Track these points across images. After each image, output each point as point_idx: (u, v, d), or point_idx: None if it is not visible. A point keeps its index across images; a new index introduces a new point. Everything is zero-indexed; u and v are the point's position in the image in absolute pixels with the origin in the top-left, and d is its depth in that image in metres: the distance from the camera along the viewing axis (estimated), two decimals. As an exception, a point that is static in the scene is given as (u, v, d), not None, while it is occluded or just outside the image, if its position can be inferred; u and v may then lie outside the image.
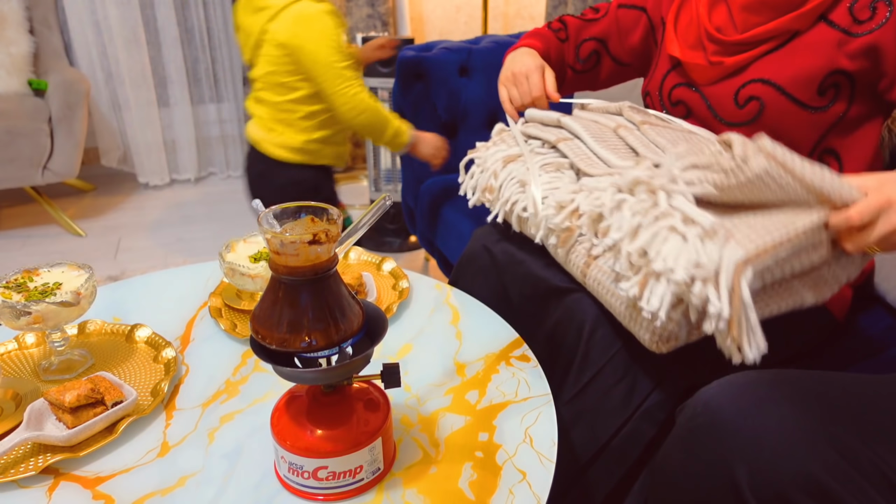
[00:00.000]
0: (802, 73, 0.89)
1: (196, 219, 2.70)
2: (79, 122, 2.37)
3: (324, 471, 0.63)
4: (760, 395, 0.64)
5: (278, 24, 1.43)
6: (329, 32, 1.43)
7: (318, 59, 1.43)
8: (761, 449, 0.60)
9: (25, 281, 0.81)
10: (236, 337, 0.90)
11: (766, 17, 0.92)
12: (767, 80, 0.91)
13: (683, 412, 0.70)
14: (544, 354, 0.92)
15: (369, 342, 0.63)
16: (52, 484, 0.66)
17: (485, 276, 1.04)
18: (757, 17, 0.93)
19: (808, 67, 0.89)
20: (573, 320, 0.90)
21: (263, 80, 1.52)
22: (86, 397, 0.70)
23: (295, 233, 0.57)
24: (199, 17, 2.88)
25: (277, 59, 1.47)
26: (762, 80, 0.92)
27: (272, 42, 1.45)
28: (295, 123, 1.54)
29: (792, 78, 0.90)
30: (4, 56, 2.44)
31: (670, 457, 0.71)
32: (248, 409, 0.77)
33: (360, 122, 1.50)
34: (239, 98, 3.06)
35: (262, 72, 1.51)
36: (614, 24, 1.16)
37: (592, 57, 1.20)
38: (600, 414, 0.87)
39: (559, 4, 2.83)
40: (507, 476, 0.67)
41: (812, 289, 0.74)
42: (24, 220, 2.63)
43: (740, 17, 0.95)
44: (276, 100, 1.52)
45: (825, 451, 0.59)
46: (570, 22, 1.21)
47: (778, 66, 0.91)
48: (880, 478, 0.59)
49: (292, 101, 1.52)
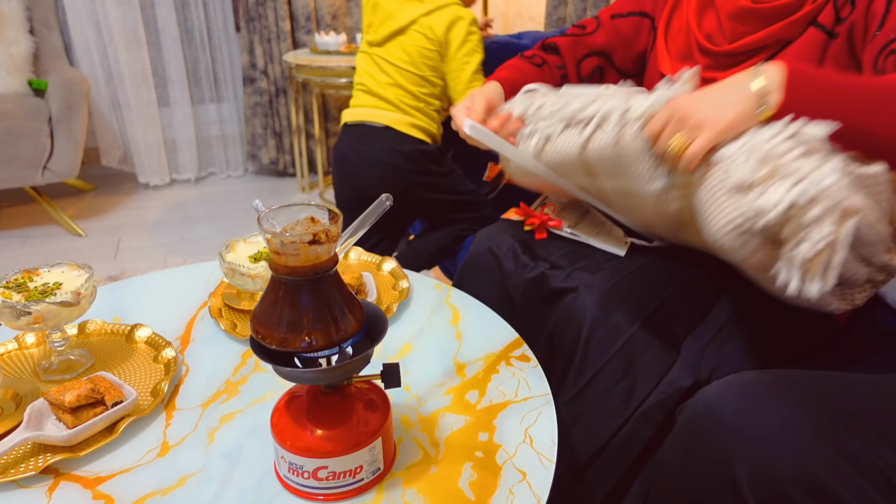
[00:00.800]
0: None
1: (196, 219, 2.70)
2: (79, 122, 2.37)
3: (324, 471, 0.63)
4: (760, 396, 0.64)
5: (435, 19, 1.53)
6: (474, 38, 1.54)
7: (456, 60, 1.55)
8: (761, 449, 0.60)
9: (25, 281, 0.81)
10: (236, 337, 0.90)
11: (754, 26, 0.91)
12: None
13: (683, 412, 0.70)
14: (544, 355, 0.92)
15: (369, 342, 0.63)
16: (52, 484, 0.66)
17: (489, 277, 1.04)
18: (744, 27, 0.92)
19: None
20: (572, 321, 0.90)
21: (399, 68, 1.58)
22: (86, 397, 0.70)
23: (295, 233, 0.57)
24: (199, 17, 2.88)
25: (424, 52, 1.55)
26: None
27: (424, 34, 1.54)
28: (431, 115, 1.63)
29: None
30: (4, 56, 2.44)
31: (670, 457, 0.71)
32: (248, 409, 0.77)
33: None
34: (239, 98, 3.06)
35: (397, 59, 1.57)
36: (615, 35, 1.12)
37: (596, 73, 1.15)
38: (600, 414, 0.87)
39: (559, 4, 2.83)
40: (507, 476, 0.67)
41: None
42: (24, 220, 2.63)
43: (728, 25, 0.94)
44: (415, 90, 1.59)
45: (825, 452, 0.59)
46: (561, 42, 1.15)
47: None
48: (880, 478, 0.59)
49: (429, 95, 1.60)
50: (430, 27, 1.53)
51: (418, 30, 1.54)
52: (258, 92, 2.96)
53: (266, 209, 0.60)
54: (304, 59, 2.59)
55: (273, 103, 3.00)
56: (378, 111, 1.61)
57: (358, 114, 1.64)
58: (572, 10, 2.78)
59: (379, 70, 1.61)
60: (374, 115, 1.61)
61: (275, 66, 2.92)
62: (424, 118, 1.61)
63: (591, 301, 0.90)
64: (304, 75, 2.62)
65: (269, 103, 2.99)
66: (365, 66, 1.65)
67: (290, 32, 2.88)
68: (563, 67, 1.15)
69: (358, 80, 1.68)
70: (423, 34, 1.54)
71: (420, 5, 1.54)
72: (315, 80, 2.61)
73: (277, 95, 2.98)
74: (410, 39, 1.55)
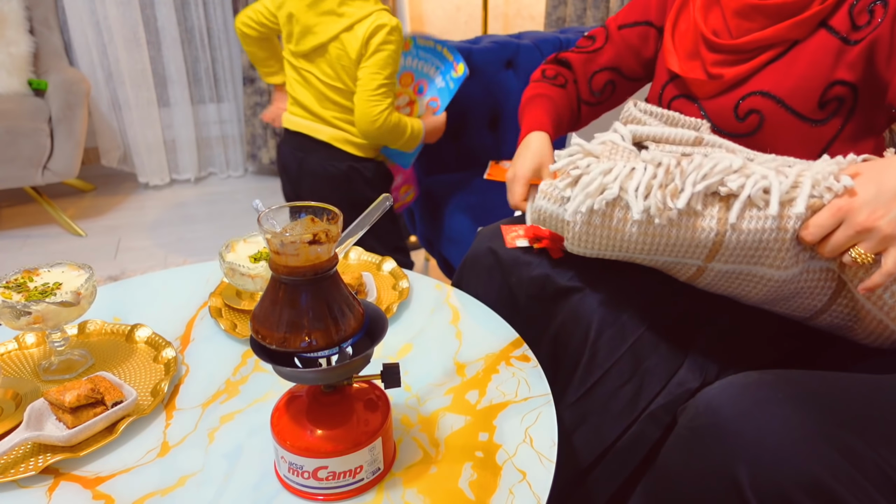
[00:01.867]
0: (803, 83, 0.88)
1: (196, 219, 2.70)
2: (79, 122, 2.37)
3: (324, 471, 0.63)
4: (762, 396, 0.64)
5: (353, 35, 1.46)
6: (389, 48, 1.47)
7: (364, 69, 1.47)
8: (763, 450, 0.60)
9: (25, 281, 0.81)
10: (236, 337, 0.90)
11: (760, 23, 0.91)
12: (767, 92, 0.90)
13: (685, 413, 0.70)
14: (550, 355, 0.92)
15: (369, 342, 0.63)
16: (52, 484, 0.66)
17: (489, 276, 1.03)
18: (749, 23, 0.91)
19: (809, 78, 0.87)
20: (580, 321, 0.90)
21: (326, 84, 1.53)
22: (86, 397, 0.70)
23: (295, 233, 0.57)
24: (199, 17, 2.88)
25: (348, 68, 1.49)
26: (762, 92, 0.91)
27: (345, 52, 1.47)
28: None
29: (792, 90, 0.89)
30: (4, 56, 2.44)
31: (672, 458, 0.70)
32: (248, 409, 0.77)
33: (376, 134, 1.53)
34: (239, 98, 3.06)
35: (323, 75, 1.52)
36: (623, 47, 1.12)
37: (608, 87, 1.15)
38: (606, 415, 0.87)
39: (559, 4, 2.83)
40: (507, 476, 0.67)
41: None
42: (24, 220, 2.63)
43: (733, 22, 0.94)
44: (347, 104, 1.54)
45: (827, 452, 0.59)
46: (572, 59, 1.15)
47: (778, 78, 0.90)
48: (882, 478, 0.59)
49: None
50: (350, 41, 1.45)
51: (339, 47, 1.47)
52: (258, 92, 2.96)
53: (266, 209, 0.60)
54: (303, 59, 2.59)
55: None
56: (315, 125, 1.58)
57: (297, 124, 1.61)
58: (572, 10, 2.78)
59: (306, 84, 1.56)
60: (312, 129, 1.59)
61: (275, 66, 2.92)
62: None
63: (599, 301, 0.90)
64: (303, 75, 2.62)
65: (269, 103, 2.99)
66: (292, 78, 1.59)
67: (290, 32, 2.88)
68: (576, 83, 1.16)
69: (290, 90, 1.62)
70: (343, 50, 1.47)
71: (339, 19, 1.46)
72: (315, 80, 2.61)
73: (277, 95, 2.98)
74: (334, 53, 1.48)
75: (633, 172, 0.76)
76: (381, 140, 1.56)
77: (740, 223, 0.73)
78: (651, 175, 0.75)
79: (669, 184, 0.74)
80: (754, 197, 0.72)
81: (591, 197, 0.76)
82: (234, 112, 3.09)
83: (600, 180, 0.76)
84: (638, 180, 0.75)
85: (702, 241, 0.75)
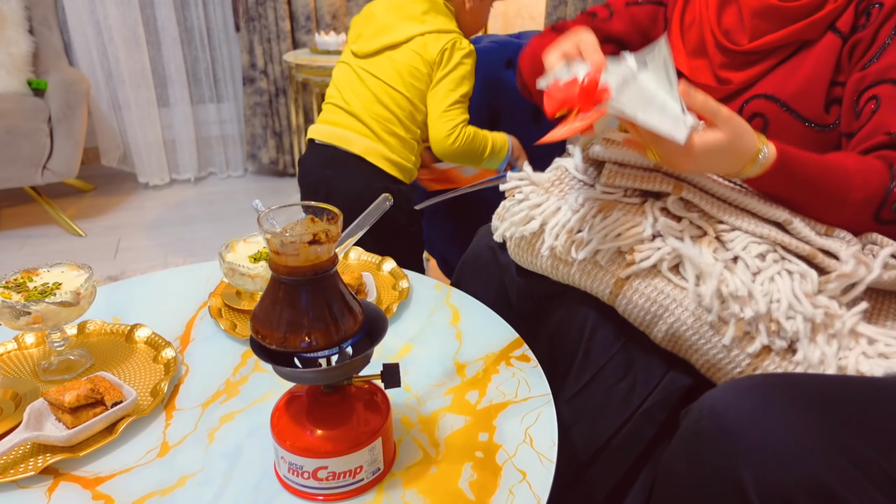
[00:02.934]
0: (806, 87, 0.87)
1: (196, 219, 2.70)
2: (79, 122, 2.37)
3: (324, 471, 0.63)
4: (766, 399, 0.63)
5: (432, 39, 1.43)
6: (466, 68, 1.44)
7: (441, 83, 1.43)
8: (767, 453, 0.60)
9: (25, 281, 0.81)
10: (236, 337, 0.90)
11: (777, 24, 0.90)
12: (771, 95, 0.90)
13: (688, 415, 0.69)
14: (545, 353, 0.92)
15: (369, 342, 0.63)
16: (52, 484, 0.66)
17: (488, 275, 1.03)
18: (767, 24, 0.90)
19: (812, 80, 0.87)
20: (574, 319, 0.90)
21: (384, 83, 1.45)
22: (85, 397, 0.70)
23: (295, 233, 0.57)
24: (199, 17, 2.88)
25: (413, 71, 1.44)
26: (766, 95, 0.90)
27: (419, 53, 1.43)
28: (409, 146, 1.49)
29: (795, 93, 0.88)
30: (4, 56, 2.44)
31: (675, 460, 0.70)
32: (248, 409, 0.77)
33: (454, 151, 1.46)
34: (239, 98, 3.06)
35: (384, 73, 1.45)
36: (631, 23, 1.08)
37: None
38: (601, 413, 0.87)
39: (559, 4, 2.83)
40: (507, 476, 0.67)
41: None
42: (24, 220, 2.63)
43: (751, 23, 0.92)
44: (397, 111, 1.45)
45: (832, 456, 0.59)
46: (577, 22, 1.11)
47: (782, 80, 0.90)
48: (887, 482, 0.59)
49: (410, 121, 1.47)
50: (426, 45, 1.42)
51: (412, 48, 1.43)
52: (258, 92, 2.96)
53: (266, 209, 0.60)
54: (303, 58, 2.60)
55: (273, 103, 3.00)
56: (350, 134, 1.45)
57: (328, 133, 1.48)
58: (572, 10, 2.78)
59: (360, 83, 1.47)
60: (346, 139, 1.45)
61: (274, 66, 2.92)
62: (401, 150, 1.47)
63: (593, 299, 0.90)
64: (303, 75, 2.62)
65: (268, 103, 2.99)
66: (344, 78, 1.51)
67: (289, 32, 2.88)
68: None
69: (332, 93, 1.52)
70: (417, 52, 1.42)
71: (419, 25, 1.44)
72: (315, 79, 2.61)
73: (277, 95, 2.98)
74: (402, 56, 1.43)
75: (558, 212, 0.85)
76: (459, 158, 1.47)
77: (634, 294, 0.80)
78: (566, 219, 0.83)
79: (579, 233, 0.82)
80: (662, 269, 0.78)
81: (515, 226, 0.87)
82: (233, 112, 3.09)
83: (527, 213, 0.86)
84: (556, 220, 0.84)
85: (600, 290, 0.84)
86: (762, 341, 0.73)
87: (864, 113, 0.82)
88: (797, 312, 0.72)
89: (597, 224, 0.81)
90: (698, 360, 0.79)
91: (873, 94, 0.82)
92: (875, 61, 0.82)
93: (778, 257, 0.77)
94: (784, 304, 0.73)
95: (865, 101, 0.83)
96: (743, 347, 0.75)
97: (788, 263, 0.76)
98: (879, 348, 0.72)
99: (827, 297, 0.74)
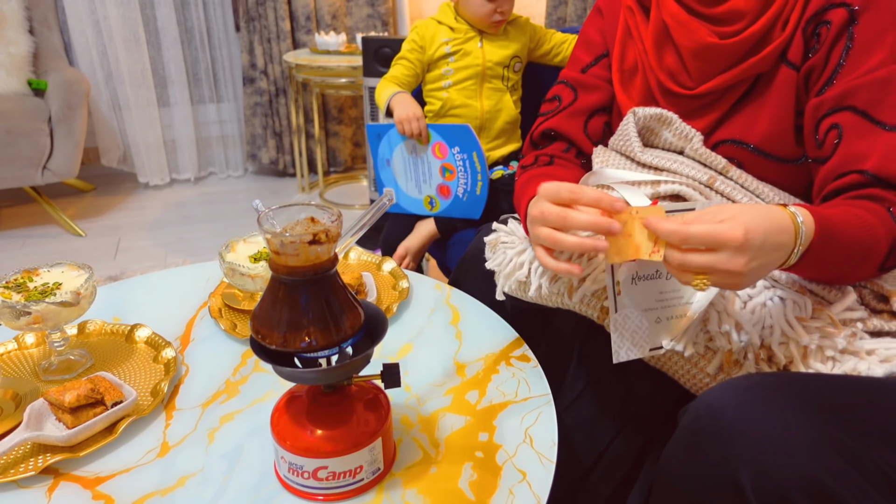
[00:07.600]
0: (773, 128, 0.83)
1: (196, 218, 2.70)
2: (79, 122, 2.37)
3: (324, 471, 0.63)
4: (764, 398, 0.63)
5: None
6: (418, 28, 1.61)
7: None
8: (765, 452, 0.60)
9: (25, 281, 0.81)
10: (236, 337, 0.90)
11: (721, 65, 0.83)
12: (739, 140, 0.85)
13: (686, 415, 0.69)
14: (542, 359, 0.92)
15: (369, 342, 0.63)
16: (52, 484, 0.66)
17: (485, 276, 1.03)
18: (711, 66, 0.84)
19: (777, 120, 0.82)
20: (570, 324, 0.90)
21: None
22: (85, 397, 0.70)
23: (295, 233, 0.57)
24: (199, 17, 2.88)
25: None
26: (734, 140, 0.85)
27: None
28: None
29: (764, 137, 0.83)
30: (4, 56, 2.44)
31: (673, 459, 0.70)
32: (248, 409, 0.77)
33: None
34: (239, 98, 3.06)
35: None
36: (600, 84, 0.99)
37: (606, 131, 1.00)
38: (598, 419, 0.87)
39: (559, 4, 2.83)
40: (507, 476, 0.67)
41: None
42: (24, 220, 2.63)
43: (693, 65, 0.85)
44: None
45: (829, 455, 0.59)
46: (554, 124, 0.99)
47: (747, 124, 0.85)
48: (885, 481, 0.59)
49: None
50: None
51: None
52: (258, 92, 2.96)
53: (266, 209, 0.60)
54: (304, 59, 2.59)
55: (273, 103, 3.00)
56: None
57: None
58: (572, 10, 2.78)
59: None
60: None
61: (275, 66, 2.92)
62: None
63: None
64: (303, 75, 2.62)
65: (268, 103, 2.99)
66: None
67: (290, 32, 2.88)
68: (570, 147, 1.00)
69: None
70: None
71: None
72: (315, 80, 2.61)
73: (277, 95, 2.98)
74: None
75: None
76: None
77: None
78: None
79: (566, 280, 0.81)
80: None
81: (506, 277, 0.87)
82: (233, 112, 3.09)
83: (515, 260, 0.87)
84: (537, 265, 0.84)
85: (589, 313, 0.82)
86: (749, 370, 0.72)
87: (828, 142, 0.78)
88: (790, 339, 0.71)
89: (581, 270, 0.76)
90: (685, 383, 0.78)
91: (834, 122, 0.77)
92: (830, 85, 0.78)
93: (769, 284, 0.76)
94: (777, 331, 0.71)
95: (827, 129, 0.78)
96: (729, 373, 0.74)
97: (780, 290, 0.75)
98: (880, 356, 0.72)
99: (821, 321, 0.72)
